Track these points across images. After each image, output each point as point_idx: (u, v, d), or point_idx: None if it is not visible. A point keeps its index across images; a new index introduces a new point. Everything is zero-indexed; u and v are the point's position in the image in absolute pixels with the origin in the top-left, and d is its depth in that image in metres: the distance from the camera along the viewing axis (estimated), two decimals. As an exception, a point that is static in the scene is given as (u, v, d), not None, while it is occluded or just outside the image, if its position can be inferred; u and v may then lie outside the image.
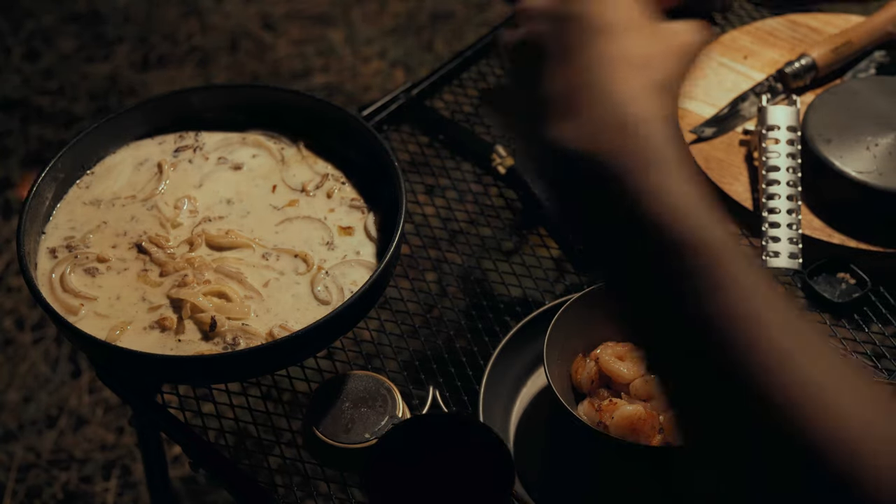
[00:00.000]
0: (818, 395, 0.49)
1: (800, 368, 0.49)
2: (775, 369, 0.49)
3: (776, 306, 0.50)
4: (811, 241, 1.04)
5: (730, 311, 0.49)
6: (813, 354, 0.50)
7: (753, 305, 0.49)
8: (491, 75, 1.30)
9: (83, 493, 1.70)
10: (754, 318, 0.49)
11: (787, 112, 1.10)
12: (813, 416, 0.48)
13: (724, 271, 0.49)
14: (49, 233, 0.94)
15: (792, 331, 0.50)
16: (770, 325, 0.49)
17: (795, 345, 0.49)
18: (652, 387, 0.90)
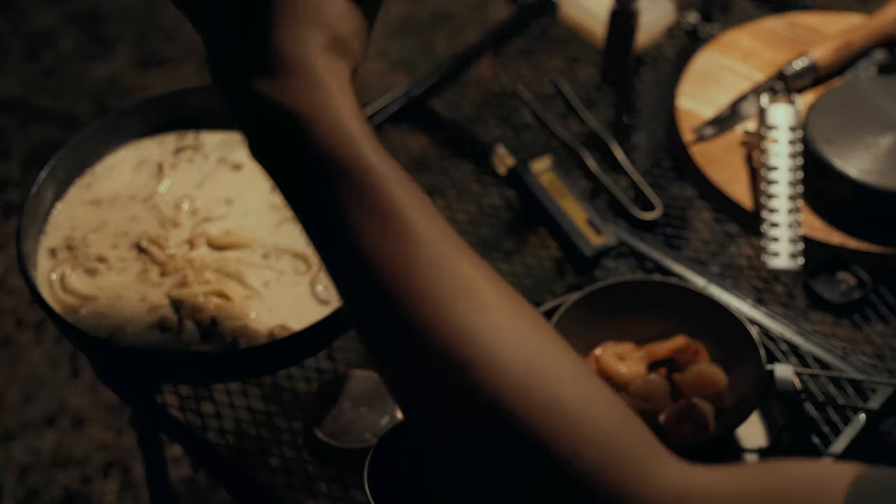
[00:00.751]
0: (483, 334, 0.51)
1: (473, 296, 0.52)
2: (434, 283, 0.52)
3: (436, 223, 0.53)
4: (811, 241, 1.04)
5: (396, 236, 0.52)
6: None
7: (415, 220, 0.53)
8: (491, 75, 1.30)
9: (83, 493, 1.70)
10: (418, 238, 0.52)
11: (787, 112, 1.10)
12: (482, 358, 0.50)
13: (387, 192, 0.52)
14: (49, 233, 0.94)
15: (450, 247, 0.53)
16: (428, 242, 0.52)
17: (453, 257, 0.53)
18: (652, 387, 0.90)
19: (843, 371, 0.97)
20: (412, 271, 0.52)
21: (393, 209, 0.52)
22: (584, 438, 0.49)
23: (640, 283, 0.95)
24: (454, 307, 0.51)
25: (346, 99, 0.56)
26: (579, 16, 1.33)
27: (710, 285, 1.04)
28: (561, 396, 0.50)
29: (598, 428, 0.50)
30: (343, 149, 0.53)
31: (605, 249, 1.06)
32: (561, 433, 0.49)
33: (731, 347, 0.91)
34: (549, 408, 0.49)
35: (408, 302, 0.51)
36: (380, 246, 0.52)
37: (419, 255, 0.52)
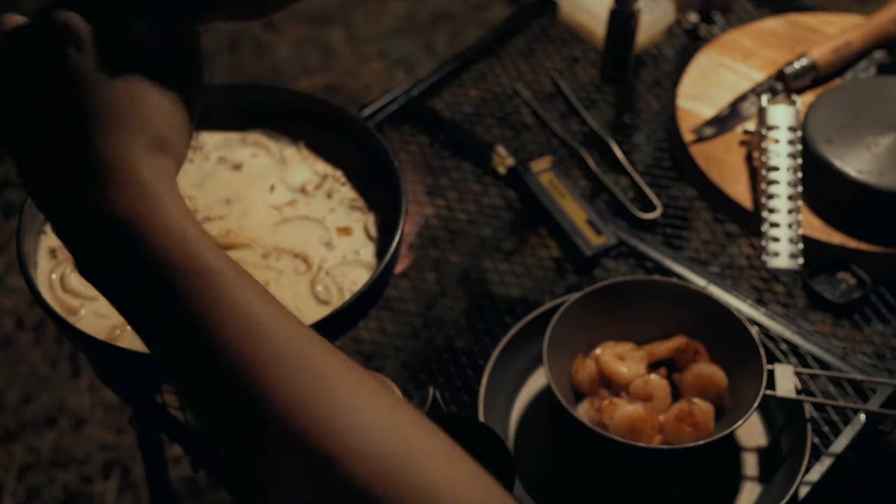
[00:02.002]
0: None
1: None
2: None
3: (279, 320, 0.52)
4: (811, 241, 1.04)
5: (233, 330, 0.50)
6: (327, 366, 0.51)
7: (261, 316, 0.51)
8: (491, 75, 1.31)
9: (83, 493, 1.70)
10: (258, 332, 0.51)
11: (787, 112, 1.10)
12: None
13: (230, 292, 0.51)
14: (49, 233, 0.94)
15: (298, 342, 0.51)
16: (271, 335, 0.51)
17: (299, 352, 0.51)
18: (652, 387, 0.90)
19: (843, 371, 0.97)
20: (264, 368, 0.50)
21: (238, 309, 0.51)
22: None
23: (640, 283, 0.96)
24: (312, 400, 0.49)
25: (176, 201, 0.53)
26: (579, 16, 1.33)
27: (710, 285, 1.04)
28: (432, 481, 0.49)
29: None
30: (180, 252, 0.51)
31: (605, 249, 1.06)
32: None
33: (731, 347, 0.91)
34: (421, 495, 0.48)
35: (266, 400, 0.49)
36: (228, 346, 0.50)
37: (271, 351, 0.50)
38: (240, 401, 0.50)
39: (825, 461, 0.89)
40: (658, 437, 0.88)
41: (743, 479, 0.90)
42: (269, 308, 0.52)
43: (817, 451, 0.91)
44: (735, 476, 0.91)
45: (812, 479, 0.88)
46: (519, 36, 1.35)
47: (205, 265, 0.51)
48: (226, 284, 0.51)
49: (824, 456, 0.90)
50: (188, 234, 0.52)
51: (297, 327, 0.52)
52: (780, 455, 0.91)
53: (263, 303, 0.52)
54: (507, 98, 1.28)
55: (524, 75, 1.31)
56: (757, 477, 0.90)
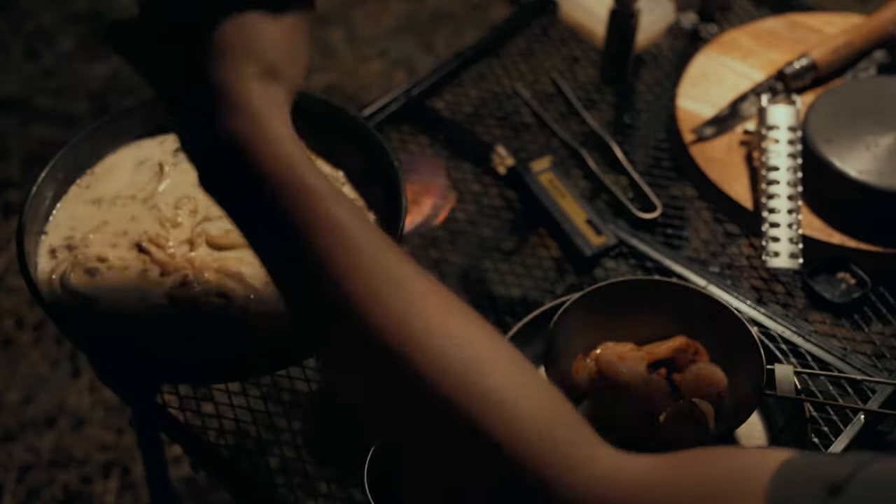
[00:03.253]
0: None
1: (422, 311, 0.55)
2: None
3: (376, 242, 0.58)
4: (811, 241, 1.04)
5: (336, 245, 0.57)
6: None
7: (352, 230, 0.58)
8: (491, 75, 1.31)
9: (83, 493, 1.70)
10: (356, 247, 0.57)
11: (787, 112, 1.10)
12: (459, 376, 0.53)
13: (325, 208, 0.58)
14: (49, 232, 0.94)
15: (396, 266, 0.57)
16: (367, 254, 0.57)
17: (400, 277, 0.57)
18: (652, 387, 0.90)
19: (843, 371, 0.97)
20: (353, 275, 0.56)
21: (332, 222, 0.57)
22: (516, 428, 0.52)
23: (640, 283, 0.95)
24: (393, 305, 0.55)
25: (281, 125, 0.60)
26: (579, 16, 1.33)
27: (710, 285, 1.04)
28: (494, 386, 0.53)
29: (529, 418, 0.52)
30: (283, 171, 0.58)
31: (605, 249, 1.06)
32: (493, 422, 0.52)
33: (731, 347, 0.91)
34: (483, 397, 0.52)
35: (352, 302, 0.55)
36: (322, 253, 0.57)
37: (359, 262, 0.56)
38: (328, 300, 0.56)
39: (825, 461, 0.89)
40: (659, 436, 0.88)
41: (743, 479, 0.90)
42: (358, 224, 0.58)
43: (817, 451, 0.91)
44: (735, 476, 0.91)
45: (812, 479, 0.88)
46: (519, 36, 1.35)
47: (304, 183, 0.58)
48: (323, 201, 0.58)
49: (824, 456, 0.90)
50: (291, 155, 0.59)
51: (384, 243, 0.58)
52: (780, 455, 0.91)
53: (354, 219, 0.58)
54: (507, 98, 1.28)
55: (524, 75, 1.31)
56: (757, 477, 0.90)
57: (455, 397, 0.52)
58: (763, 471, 0.47)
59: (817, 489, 0.45)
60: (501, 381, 0.53)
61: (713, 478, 0.49)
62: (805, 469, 0.47)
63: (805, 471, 0.47)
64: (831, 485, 0.44)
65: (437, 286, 0.57)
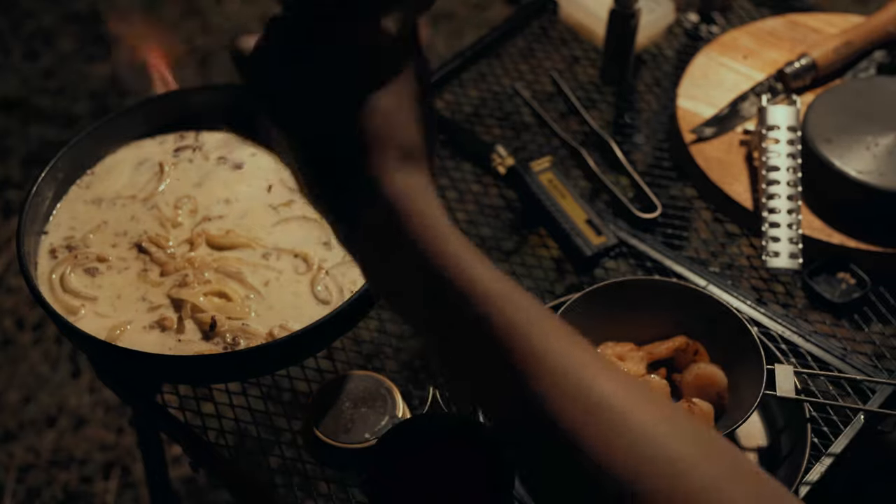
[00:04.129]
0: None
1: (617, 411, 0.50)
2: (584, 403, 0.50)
3: (569, 340, 0.53)
4: (811, 241, 1.04)
5: (524, 348, 0.51)
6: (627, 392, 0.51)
7: (546, 340, 0.52)
8: (491, 75, 1.31)
9: (83, 493, 1.70)
10: (550, 351, 0.52)
11: (787, 112, 1.10)
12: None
13: (510, 314, 0.52)
14: (49, 232, 0.94)
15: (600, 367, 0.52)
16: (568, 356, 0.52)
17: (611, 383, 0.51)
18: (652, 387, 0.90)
19: (843, 371, 0.97)
20: (548, 399, 0.51)
21: (519, 339, 0.52)
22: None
23: (640, 283, 0.95)
24: (599, 431, 0.50)
25: (435, 211, 0.57)
26: (579, 16, 1.33)
27: (710, 285, 1.04)
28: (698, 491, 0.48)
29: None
30: (459, 277, 0.53)
31: (605, 249, 1.06)
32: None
33: (731, 347, 0.91)
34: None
35: (552, 429, 0.50)
36: (507, 372, 0.51)
37: (554, 381, 0.51)
38: (519, 411, 0.52)
39: (825, 461, 0.89)
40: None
41: (743, 479, 0.90)
42: (543, 335, 0.53)
43: (817, 451, 0.91)
44: (735, 476, 0.91)
45: (812, 479, 0.88)
46: (519, 36, 1.35)
47: (484, 290, 0.52)
48: (504, 311, 0.52)
49: (824, 456, 0.90)
50: (457, 254, 0.54)
51: (570, 350, 0.53)
52: (780, 455, 0.91)
53: (539, 329, 0.53)
54: (507, 98, 1.28)
55: (524, 75, 1.31)
56: (757, 477, 0.90)
57: None
58: None
59: None
60: (706, 485, 0.49)
61: None
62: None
63: None
64: None
65: (639, 388, 0.52)
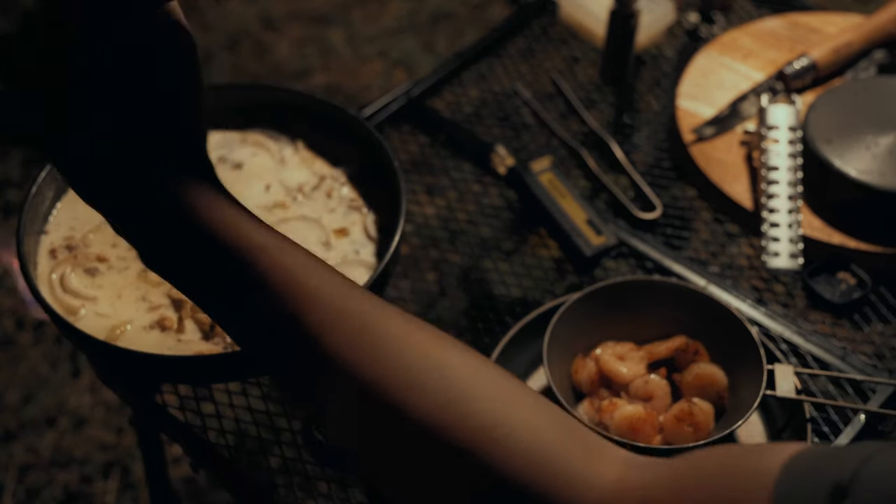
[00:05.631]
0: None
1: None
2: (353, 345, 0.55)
3: (342, 282, 0.57)
4: (811, 241, 1.04)
5: (300, 290, 0.56)
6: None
7: (319, 280, 0.57)
8: (491, 75, 1.31)
9: (83, 493, 1.70)
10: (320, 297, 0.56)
11: (787, 112, 1.10)
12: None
13: (287, 262, 0.57)
14: (49, 232, 0.94)
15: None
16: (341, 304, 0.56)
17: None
18: (652, 387, 0.90)
19: (843, 371, 0.97)
20: (326, 331, 0.55)
21: (288, 277, 0.56)
22: (509, 450, 0.51)
23: (640, 283, 0.95)
24: (369, 350, 0.54)
25: (209, 198, 0.59)
26: (579, 16, 1.33)
27: (710, 285, 1.04)
28: (482, 410, 0.52)
29: (523, 439, 0.51)
30: (227, 232, 0.57)
31: (605, 249, 1.06)
32: (485, 447, 0.51)
33: (731, 347, 0.91)
34: (470, 421, 0.51)
35: (329, 357, 0.54)
36: (288, 316, 0.55)
37: (322, 318, 0.55)
38: (305, 360, 0.56)
39: (825, 461, 0.89)
40: (658, 437, 0.88)
41: (743, 479, 0.90)
42: (315, 272, 0.57)
43: (817, 450, 0.91)
44: (735, 476, 0.91)
45: (812, 479, 0.88)
46: (519, 36, 1.35)
47: (252, 241, 0.57)
48: (271, 254, 0.56)
49: (824, 456, 0.90)
50: (231, 214, 0.58)
51: (347, 286, 0.57)
52: (780, 455, 0.91)
53: (309, 268, 0.57)
54: (507, 98, 1.28)
55: (524, 75, 1.31)
56: (757, 477, 0.90)
57: (442, 426, 0.52)
58: (768, 472, 0.46)
59: (821, 491, 0.44)
60: (488, 404, 0.53)
61: (719, 486, 0.48)
62: (809, 468, 0.46)
63: (809, 470, 0.46)
64: (835, 486, 0.44)
65: (411, 319, 0.57)
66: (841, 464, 0.45)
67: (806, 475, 0.46)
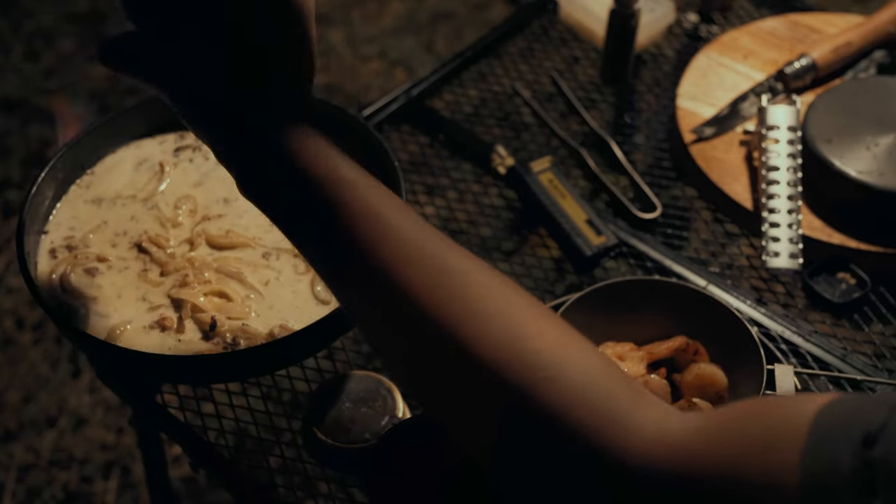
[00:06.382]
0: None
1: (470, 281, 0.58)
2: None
3: (422, 223, 0.60)
4: (811, 241, 1.04)
5: (380, 224, 0.59)
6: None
7: (402, 218, 0.60)
8: (491, 75, 1.31)
9: (83, 493, 1.70)
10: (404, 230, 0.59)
11: (787, 112, 1.10)
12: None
13: (362, 199, 0.60)
14: (49, 232, 0.94)
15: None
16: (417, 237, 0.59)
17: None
18: (652, 387, 0.90)
19: (843, 371, 0.97)
20: (402, 267, 0.58)
21: (373, 213, 0.59)
22: (563, 397, 0.53)
23: (640, 283, 0.95)
24: (440, 293, 0.57)
25: (306, 141, 0.62)
26: (579, 16, 1.33)
27: (710, 285, 1.04)
28: (540, 351, 0.55)
29: (576, 386, 0.54)
30: (320, 165, 0.61)
31: (605, 249, 1.06)
32: (540, 391, 0.54)
33: (731, 347, 0.91)
34: (529, 367, 0.55)
35: (401, 293, 0.57)
36: (367, 249, 0.58)
37: (403, 254, 0.58)
38: (378, 293, 0.59)
39: (825, 461, 0.89)
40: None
41: (743, 479, 0.90)
42: (397, 212, 0.60)
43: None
44: (735, 476, 0.91)
45: (812, 479, 0.88)
46: (519, 36, 1.35)
47: (340, 175, 0.60)
48: (358, 190, 0.60)
49: (824, 456, 0.90)
50: (325, 150, 0.62)
51: (427, 230, 0.60)
52: (780, 455, 0.91)
53: (393, 208, 0.60)
54: (507, 98, 1.28)
55: (524, 75, 1.31)
56: (757, 477, 0.90)
57: (500, 363, 0.55)
58: (801, 420, 0.47)
59: (853, 439, 0.45)
60: (548, 349, 0.55)
61: (753, 433, 0.50)
62: (841, 416, 0.47)
63: (841, 418, 0.47)
64: (866, 434, 0.45)
65: (483, 268, 0.59)
66: (871, 414, 0.46)
67: (837, 423, 0.47)
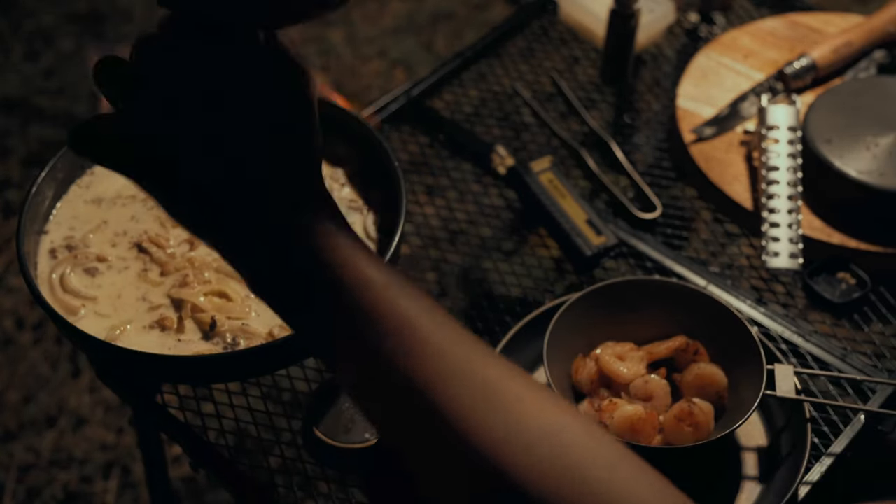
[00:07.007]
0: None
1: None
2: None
3: (454, 328, 0.53)
4: (811, 241, 1.04)
5: (413, 335, 0.52)
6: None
7: (432, 325, 0.53)
8: (491, 75, 1.31)
9: (83, 493, 1.70)
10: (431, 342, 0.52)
11: (787, 112, 1.10)
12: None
13: (388, 304, 0.53)
14: (49, 232, 0.94)
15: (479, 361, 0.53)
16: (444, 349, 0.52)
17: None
18: (652, 387, 0.90)
19: (843, 371, 0.97)
20: (435, 384, 0.51)
21: (400, 320, 0.52)
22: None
23: (640, 283, 0.95)
24: (485, 417, 0.50)
25: (328, 214, 0.56)
26: (579, 16, 1.33)
27: (710, 285, 1.03)
28: (599, 480, 0.49)
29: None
30: (339, 264, 0.54)
31: (605, 249, 1.06)
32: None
33: (731, 347, 0.91)
34: (589, 491, 0.49)
35: (436, 417, 0.50)
36: (397, 361, 0.52)
37: (437, 369, 0.51)
38: (416, 417, 0.52)
39: (825, 461, 0.89)
40: (658, 437, 0.88)
41: (743, 479, 0.90)
42: (436, 322, 0.53)
43: (817, 451, 0.91)
44: (735, 476, 0.91)
45: (812, 479, 0.88)
46: (519, 36, 1.35)
47: (363, 275, 0.53)
48: (383, 292, 0.53)
49: (824, 456, 0.90)
50: (344, 246, 0.54)
51: (458, 339, 0.53)
52: (780, 455, 0.91)
53: (430, 316, 0.53)
54: (507, 98, 1.28)
55: (524, 75, 1.31)
56: (757, 477, 0.91)
57: (551, 493, 0.49)
58: None
59: None
60: (605, 472, 0.50)
61: None
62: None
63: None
64: None
65: (527, 380, 0.53)
66: None
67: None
